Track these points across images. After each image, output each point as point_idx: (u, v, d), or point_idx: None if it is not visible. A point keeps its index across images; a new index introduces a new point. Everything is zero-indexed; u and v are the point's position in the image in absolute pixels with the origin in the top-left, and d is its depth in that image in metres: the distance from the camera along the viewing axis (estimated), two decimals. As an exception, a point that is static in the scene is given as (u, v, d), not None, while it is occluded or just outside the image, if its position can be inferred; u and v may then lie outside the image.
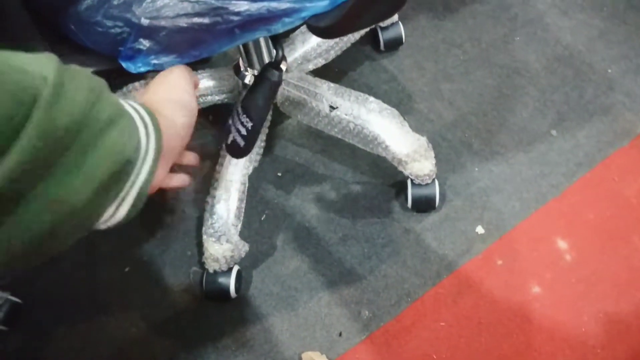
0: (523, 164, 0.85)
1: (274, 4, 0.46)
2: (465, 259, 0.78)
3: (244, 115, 0.59)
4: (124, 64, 0.49)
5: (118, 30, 0.48)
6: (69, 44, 0.52)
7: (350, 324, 0.75)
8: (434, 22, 0.98)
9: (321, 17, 0.49)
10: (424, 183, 0.78)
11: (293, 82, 0.78)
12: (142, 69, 0.49)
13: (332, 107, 0.75)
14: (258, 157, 0.79)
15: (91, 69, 0.38)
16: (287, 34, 0.83)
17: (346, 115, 0.75)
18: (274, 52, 0.71)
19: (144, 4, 0.47)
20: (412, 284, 0.77)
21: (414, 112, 0.89)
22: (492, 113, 0.89)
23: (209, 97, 0.82)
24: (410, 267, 0.78)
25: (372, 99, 0.76)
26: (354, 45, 0.90)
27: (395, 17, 0.94)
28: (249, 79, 0.75)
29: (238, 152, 0.61)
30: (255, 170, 0.78)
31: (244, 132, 0.59)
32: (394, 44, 0.95)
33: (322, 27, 0.49)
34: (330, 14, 0.49)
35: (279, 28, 0.47)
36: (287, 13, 0.47)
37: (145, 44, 0.48)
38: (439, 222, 0.81)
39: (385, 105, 0.76)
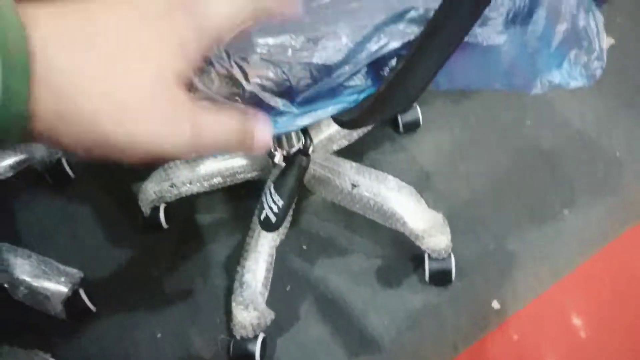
0: (537, 240, 0.89)
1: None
2: (482, 333, 0.81)
3: (276, 194, 0.65)
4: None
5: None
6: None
7: (370, 394, 0.78)
8: (450, 106, 1.06)
9: (345, 112, 0.56)
10: (440, 257, 0.83)
11: (319, 162, 0.85)
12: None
13: (353, 185, 0.82)
14: (285, 230, 0.85)
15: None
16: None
17: (367, 192, 0.81)
18: (301, 136, 0.79)
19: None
20: (430, 357, 0.80)
21: (431, 190, 0.95)
22: (506, 191, 0.95)
23: (242, 175, 0.90)
24: (428, 339, 0.81)
25: (390, 177, 0.82)
26: (374, 127, 0.98)
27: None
28: (278, 158, 0.82)
29: (270, 227, 0.67)
30: (282, 242, 0.84)
31: (275, 209, 0.65)
32: (412, 126, 1.03)
33: (345, 120, 0.56)
34: (353, 110, 0.56)
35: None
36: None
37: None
38: (456, 296, 0.85)
39: (403, 184, 0.82)
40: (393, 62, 0.49)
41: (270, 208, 0.66)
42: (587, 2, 0.57)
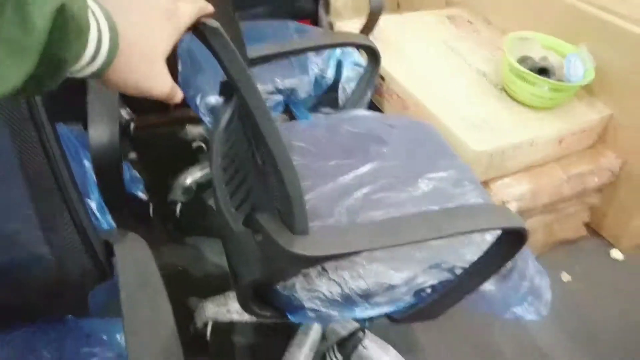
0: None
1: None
2: None
3: (338, 353, 0.96)
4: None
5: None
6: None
7: None
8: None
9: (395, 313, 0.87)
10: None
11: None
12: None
13: None
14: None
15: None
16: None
17: None
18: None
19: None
20: None
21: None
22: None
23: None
24: None
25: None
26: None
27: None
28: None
29: None
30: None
31: None
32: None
33: (395, 319, 0.87)
34: (400, 312, 0.86)
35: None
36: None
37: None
38: None
39: None
40: (428, 290, 0.83)
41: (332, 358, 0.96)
42: (540, 269, 0.94)
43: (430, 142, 1.09)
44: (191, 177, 1.55)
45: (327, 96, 1.32)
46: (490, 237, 0.82)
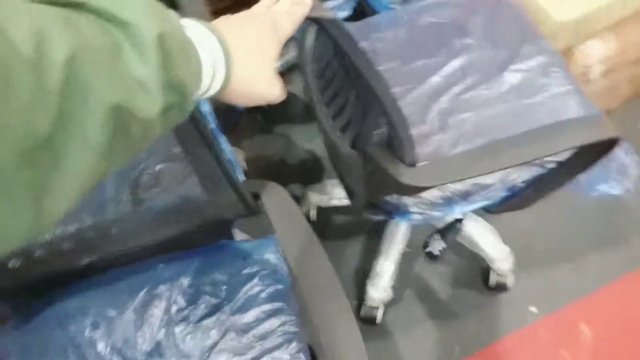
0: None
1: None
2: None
3: (441, 240, 1.11)
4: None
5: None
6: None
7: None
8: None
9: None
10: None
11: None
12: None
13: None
14: (409, 244, 1.29)
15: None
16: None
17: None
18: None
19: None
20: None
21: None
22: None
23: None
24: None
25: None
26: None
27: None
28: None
29: (432, 258, 1.16)
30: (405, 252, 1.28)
31: (439, 249, 1.12)
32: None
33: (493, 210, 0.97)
34: (497, 204, 0.96)
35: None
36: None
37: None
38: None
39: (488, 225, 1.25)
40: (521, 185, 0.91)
41: (435, 247, 1.10)
42: (626, 147, 0.97)
43: (516, 25, 1.07)
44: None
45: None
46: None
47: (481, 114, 0.95)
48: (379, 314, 1.24)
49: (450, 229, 1.12)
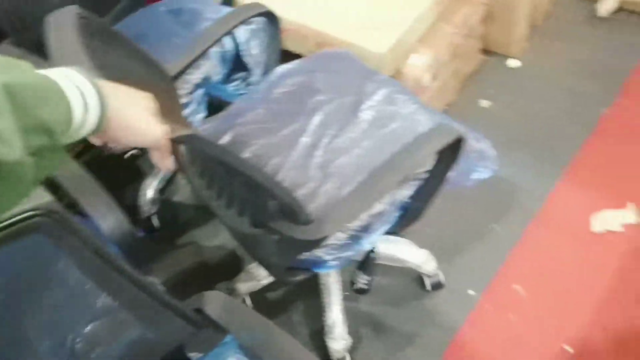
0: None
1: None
2: (469, 311, 1.36)
3: (364, 275, 1.18)
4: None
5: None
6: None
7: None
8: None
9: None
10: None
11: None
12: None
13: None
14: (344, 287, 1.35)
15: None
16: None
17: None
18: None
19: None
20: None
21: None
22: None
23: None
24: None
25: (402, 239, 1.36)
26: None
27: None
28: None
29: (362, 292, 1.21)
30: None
31: (364, 282, 1.18)
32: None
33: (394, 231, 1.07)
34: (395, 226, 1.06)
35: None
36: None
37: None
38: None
39: (405, 239, 1.36)
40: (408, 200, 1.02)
41: (360, 282, 1.18)
42: (477, 135, 1.13)
43: (353, 70, 1.21)
44: (151, 188, 1.62)
45: (236, 62, 1.39)
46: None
47: (353, 154, 1.05)
48: (349, 363, 1.29)
49: (366, 262, 1.22)
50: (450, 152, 0.94)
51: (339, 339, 1.27)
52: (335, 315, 1.29)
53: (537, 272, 1.42)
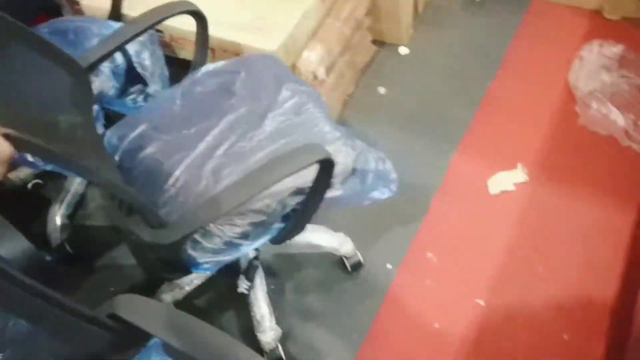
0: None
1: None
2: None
3: (246, 280, 1.24)
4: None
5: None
6: None
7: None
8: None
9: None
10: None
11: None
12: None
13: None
14: (269, 281, 1.38)
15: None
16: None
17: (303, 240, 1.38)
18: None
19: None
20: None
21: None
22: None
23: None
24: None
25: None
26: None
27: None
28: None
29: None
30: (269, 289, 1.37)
31: (246, 286, 1.26)
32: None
33: (276, 241, 1.10)
34: (278, 236, 1.08)
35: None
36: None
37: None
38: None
39: (321, 226, 1.41)
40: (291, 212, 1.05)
41: (242, 286, 1.28)
42: (380, 156, 1.15)
43: (271, 74, 1.19)
44: (59, 215, 1.57)
45: (131, 73, 1.38)
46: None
47: (248, 162, 1.04)
48: (281, 352, 1.32)
49: (249, 268, 1.30)
50: (325, 171, 0.95)
51: (268, 330, 1.30)
52: (262, 309, 1.32)
53: (446, 238, 1.52)
